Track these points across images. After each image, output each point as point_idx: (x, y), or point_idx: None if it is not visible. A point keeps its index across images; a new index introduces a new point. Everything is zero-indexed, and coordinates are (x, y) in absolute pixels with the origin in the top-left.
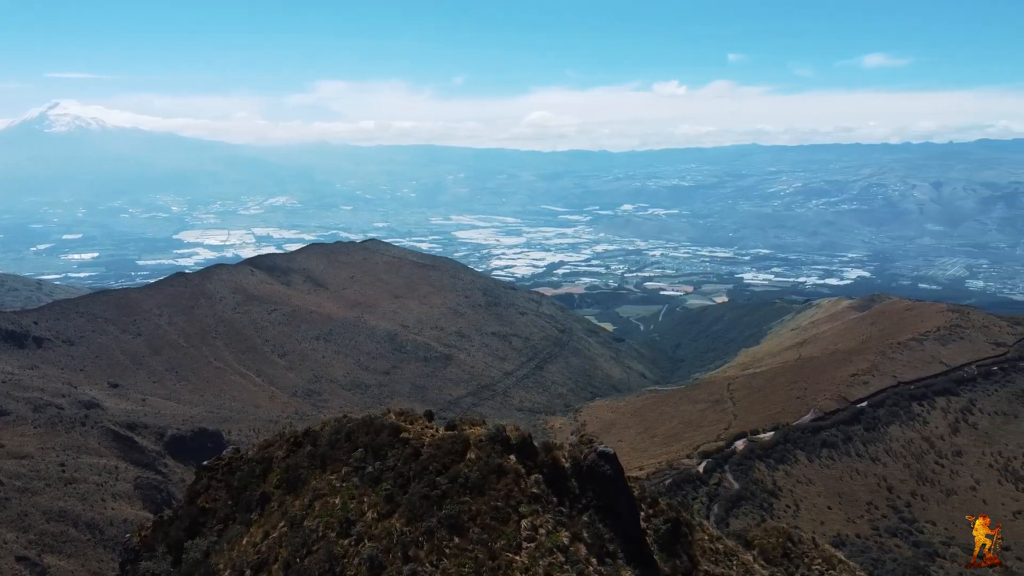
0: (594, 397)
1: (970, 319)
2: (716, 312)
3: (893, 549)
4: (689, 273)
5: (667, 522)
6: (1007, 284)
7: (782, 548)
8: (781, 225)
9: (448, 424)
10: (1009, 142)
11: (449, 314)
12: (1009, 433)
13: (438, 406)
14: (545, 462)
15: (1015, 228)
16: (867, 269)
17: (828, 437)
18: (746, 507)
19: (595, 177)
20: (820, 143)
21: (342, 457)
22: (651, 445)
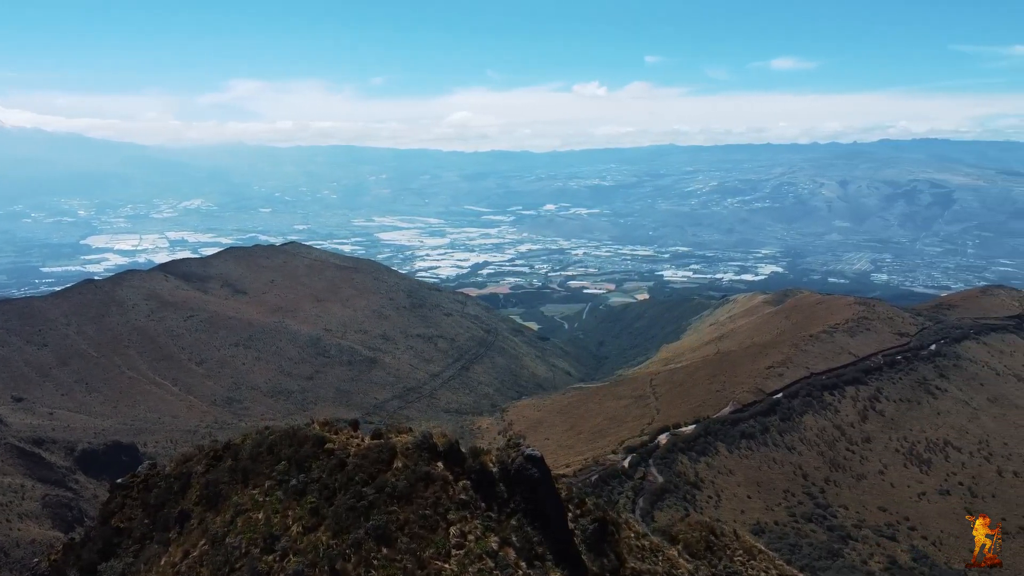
0: (520, 396)
1: (876, 311)
2: (638, 309)
3: (809, 534)
4: (611, 271)
5: (594, 522)
6: (909, 277)
7: (705, 541)
8: (698, 223)
9: (374, 433)
10: (908, 142)
11: (373, 317)
12: (913, 419)
13: (363, 410)
14: (473, 467)
15: (915, 224)
16: (780, 265)
17: (747, 428)
18: (670, 499)
19: (518, 177)
20: (734, 143)
21: (265, 470)
22: (577, 442)
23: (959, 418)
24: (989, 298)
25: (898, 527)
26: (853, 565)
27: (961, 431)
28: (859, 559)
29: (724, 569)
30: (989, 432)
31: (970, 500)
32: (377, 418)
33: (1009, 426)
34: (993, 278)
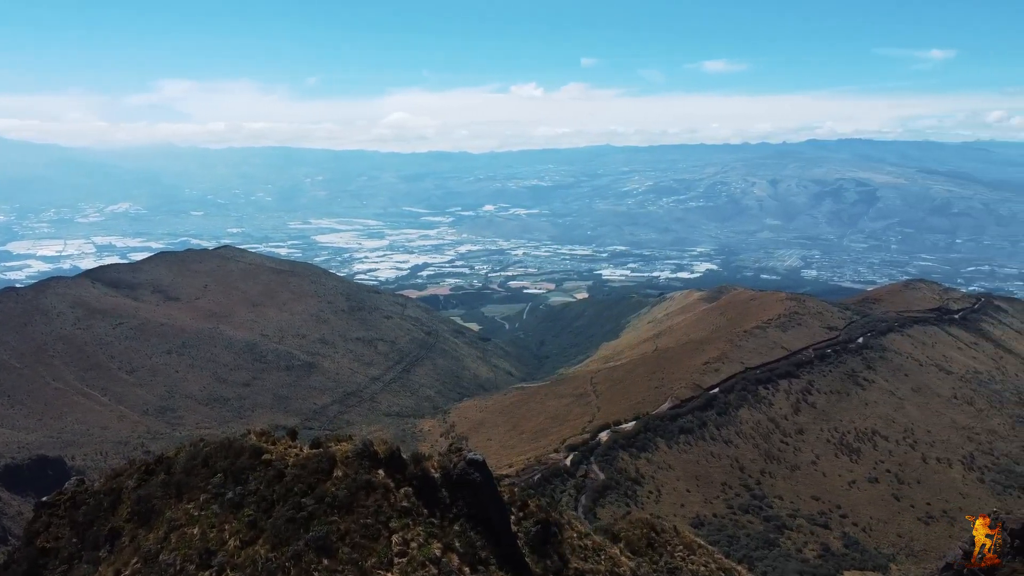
0: (462, 397)
1: (806, 306)
2: (577, 308)
3: (746, 525)
4: (551, 271)
5: (537, 524)
6: (837, 272)
7: (646, 538)
8: (635, 223)
9: (313, 442)
10: (834, 142)
11: (311, 321)
12: (843, 410)
13: (303, 416)
14: (415, 474)
15: (841, 221)
16: (715, 262)
17: (685, 423)
18: (612, 496)
19: (456, 178)
20: (669, 144)
21: (199, 484)
22: (520, 442)
23: (886, 408)
24: (911, 292)
25: (830, 515)
26: (788, 554)
27: (888, 420)
28: (794, 548)
29: (665, 565)
30: (914, 421)
31: (897, 487)
32: (317, 424)
33: (932, 414)
34: (915, 272)
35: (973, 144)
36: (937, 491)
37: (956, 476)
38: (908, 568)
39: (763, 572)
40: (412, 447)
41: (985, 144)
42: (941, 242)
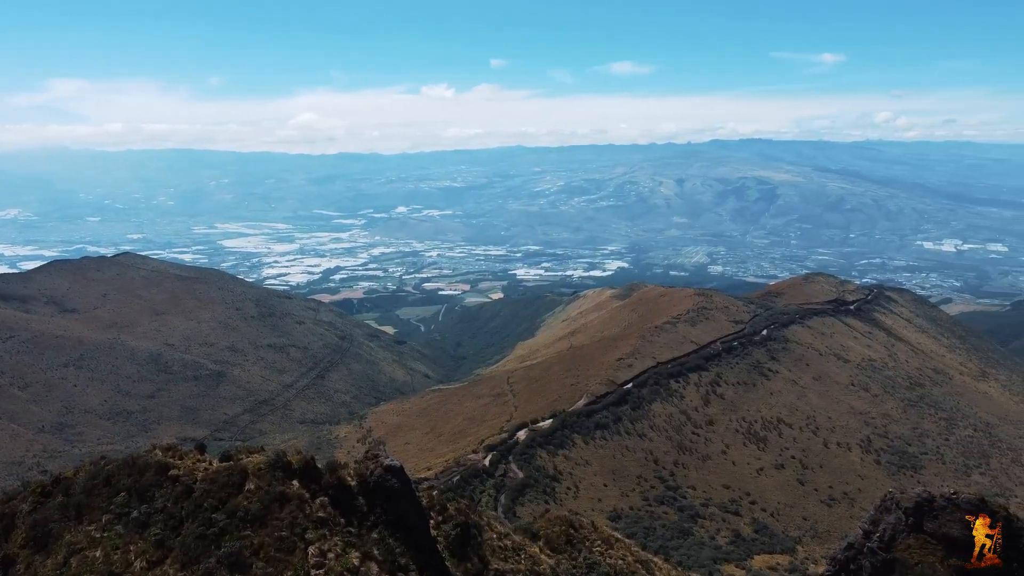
0: (379, 402)
1: (713, 301)
2: (493, 308)
3: (662, 516)
4: (465, 272)
5: (456, 527)
6: (741, 268)
7: (565, 535)
8: (548, 222)
9: (223, 455)
10: (736, 142)
11: (220, 328)
12: (750, 400)
13: (213, 427)
14: (330, 483)
15: (745, 218)
16: (625, 260)
17: (600, 419)
18: (531, 494)
19: (368, 180)
20: (579, 144)
21: (101, 504)
22: (438, 444)
23: (789, 397)
24: (811, 285)
25: (740, 502)
26: (702, 542)
27: (792, 409)
28: (707, 535)
29: (584, 561)
30: (815, 408)
31: (801, 472)
32: (228, 435)
33: (832, 402)
34: (813, 266)
35: (863, 143)
36: (838, 474)
37: (855, 459)
38: (813, 549)
39: (679, 561)
40: (328, 455)
41: (874, 143)
42: (836, 237)
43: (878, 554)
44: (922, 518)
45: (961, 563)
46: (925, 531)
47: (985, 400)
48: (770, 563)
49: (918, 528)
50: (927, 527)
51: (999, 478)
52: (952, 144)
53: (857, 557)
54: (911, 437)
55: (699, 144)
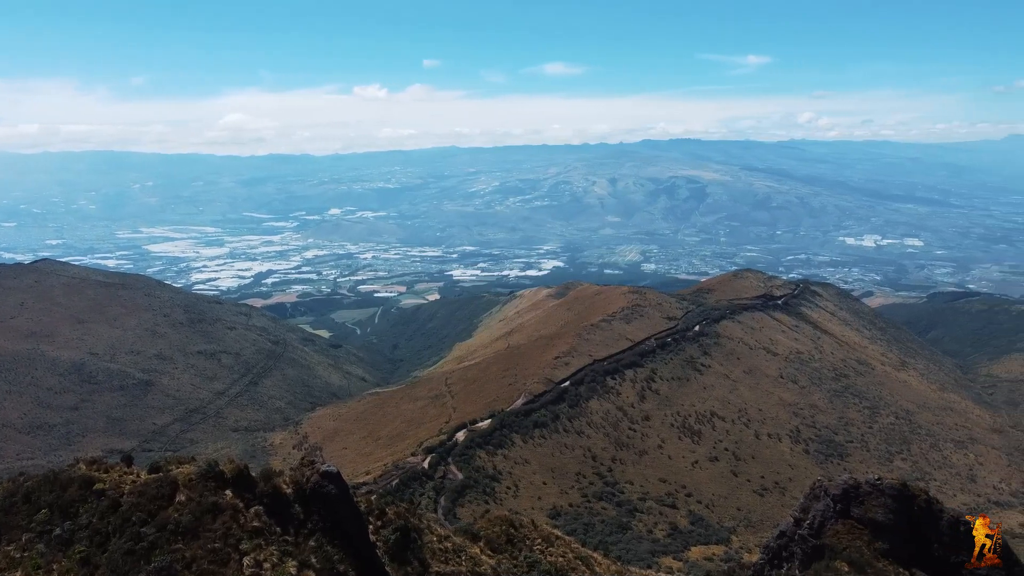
0: (315, 407)
1: (647, 298)
2: (430, 310)
3: (601, 512)
4: (401, 274)
5: (396, 531)
6: (673, 265)
7: (506, 535)
8: (483, 223)
9: (151, 467)
10: (667, 142)
11: (147, 336)
12: (684, 395)
13: (141, 438)
14: (265, 492)
15: (676, 217)
16: (561, 259)
17: (539, 418)
18: (471, 495)
19: (299, 182)
20: (513, 144)
21: (21, 523)
22: (377, 448)
23: (722, 390)
24: (740, 281)
25: (677, 495)
26: (641, 536)
27: (724, 402)
28: (645, 529)
29: (525, 560)
30: (746, 401)
31: (735, 463)
32: (157, 446)
33: (762, 394)
34: (742, 262)
35: (788, 143)
36: (769, 465)
37: (785, 449)
38: (747, 538)
39: (618, 556)
40: (263, 463)
41: (798, 143)
42: (764, 234)
43: (808, 540)
44: (849, 504)
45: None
46: (852, 516)
47: (905, 389)
48: (706, 554)
49: (845, 514)
50: (854, 512)
51: (919, 463)
52: (870, 143)
53: (789, 544)
54: (837, 426)
55: (631, 144)
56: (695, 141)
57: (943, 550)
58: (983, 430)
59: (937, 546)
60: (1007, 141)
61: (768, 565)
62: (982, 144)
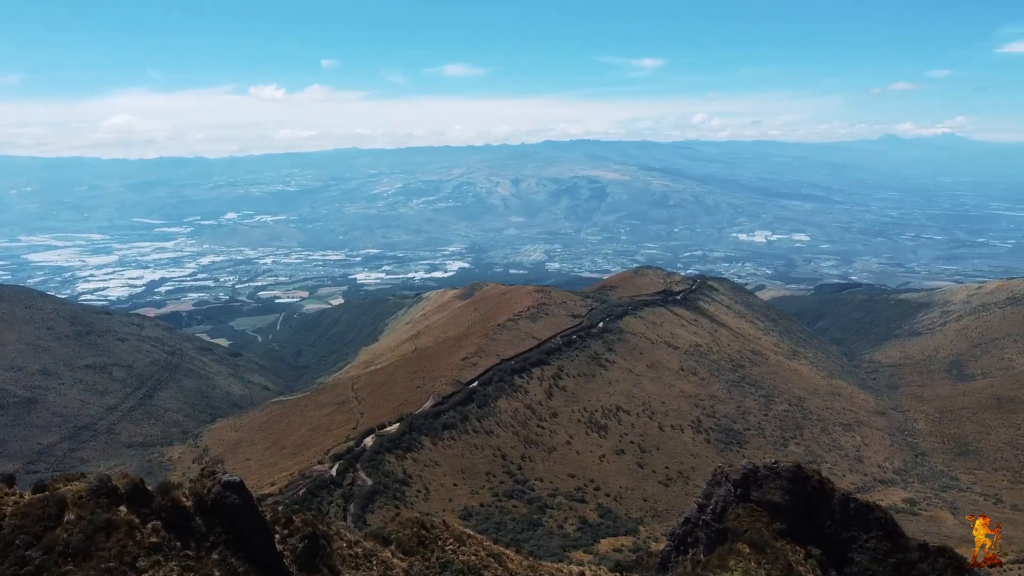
0: (215, 419)
1: (552, 297)
2: (334, 314)
3: (511, 510)
4: (303, 278)
5: (303, 539)
6: (577, 264)
7: (417, 537)
8: (387, 225)
9: (35, 486)
10: (567, 143)
11: (28, 351)
12: (590, 391)
13: (24, 459)
14: (163, 505)
15: (578, 216)
16: (466, 260)
17: (448, 419)
18: (381, 500)
19: (193, 185)
20: (415, 146)
21: None
22: (282, 458)
23: (626, 385)
24: (641, 277)
25: (586, 489)
26: (551, 531)
27: (629, 396)
28: (556, 524)
29: (437, 560)
30: (650, 394)
31: (640, 455)
32: (43, 466)
33: (664, 387)
34: (642, 260)
35: (683, 143)
36: (673, 455)
37: (687, 439)
38: (654, 528)
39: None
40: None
41: (692, 143)
42: (662, 231)
43: (712, 525)
44: (749, 488)
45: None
46: (752, 499)
47: (796, 377)
48: (615, 545)
49: (746, 497)
50: (753, 495)
51: (811, 446)
52: (759, 143)
53: (694, 530)
54: (735, 415)
55: (532, 145)
56: (595, 142)
57: (835, 527)
58: (868, 413)
59: (830, 523)
60: (882, 141)
61: (674, 551)
62: (860, 143)
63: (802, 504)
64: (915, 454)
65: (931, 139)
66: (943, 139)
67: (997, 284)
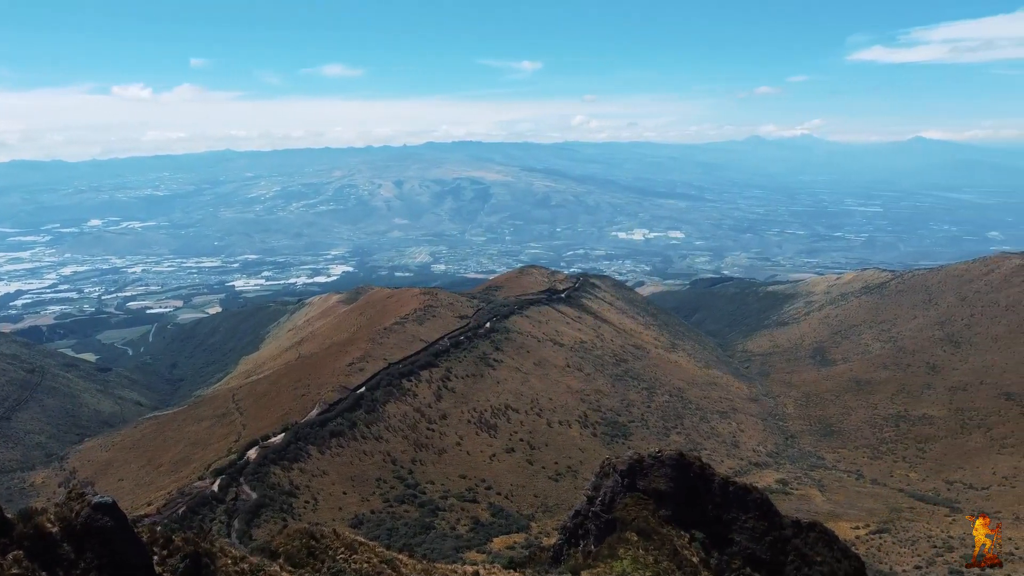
0: (83, 439)
1: (439, 299)
2: (211, 323)
3: (403, 515)
4: (177, 287)
5: (184, 559)
6: (462, 265)
7: (306, 548)
8: (266, 229)
9: None
10: (450, 144)
11: None
12: (479, 391)
13: None
14: (26, 533)
15: (462, 217)
16: (350, 264)
17: (335, 427)
18: (267, 514)
19: (51, 191)
20: (294, 148)
21: None
22: (158, 476)
23: (514, 383)
24: (526, 277)
25: (477, 489)
26: (445, 533)
27: (517, 394)
28: (449, 526)
29: (328, 570)
30: (537, 391)
31: (530, 453)
32: None
33: (551, 384)
34: (527, 259)
35: (563, 144)
36: (562, 450)
37: (575, 435)
38: (545, 524)
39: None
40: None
41: (571, 144)
42: (545, 231)
43: (601, 516)
44: (635, 478)
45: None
46: (639, 489)
47: (676, 369)
48: (508, 543)
49: (633, 487)
50: (640, 485)
51: (692, 435)
52: (636, 144)
53: (584, 522)
54: (620, 408)
55: (415, 146)
56: (477, 143)
57: (716, 510)
58: (742, 400)
59: (711, 507)
60: (748, 142)
61: (566, 544)
62: (728, 144)
63: (685, 490)
64: (785, 437)
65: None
66: (802, 140)
67: (853, 275)
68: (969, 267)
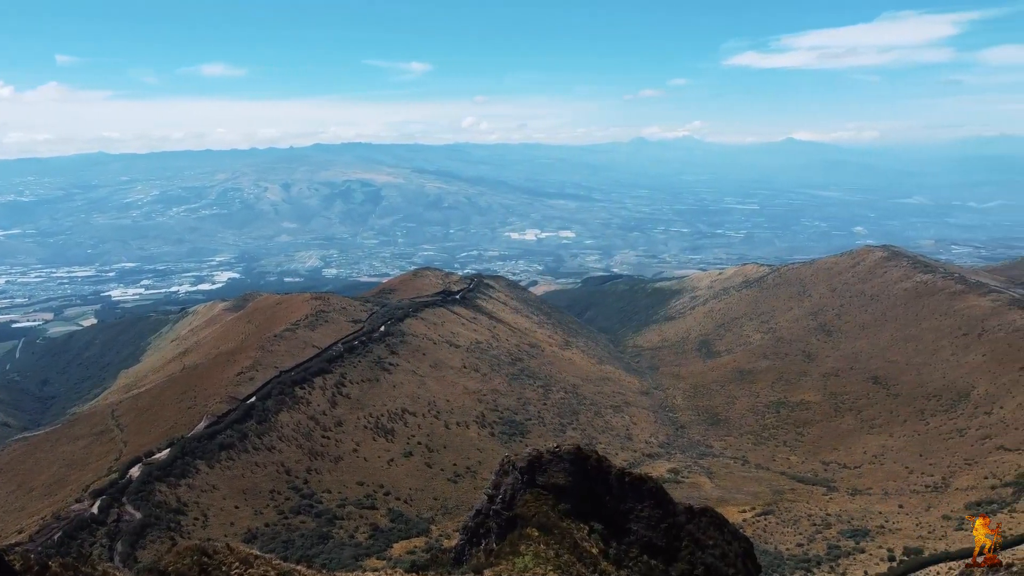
0: None
1: (331, 303)
2: (86, 336)
3: (299, 526)
4: (46, 299)
5: None
6: (355, 269)
7: (198, 565)
8: (144, 236)
9: None
10: (339, 145)
11: None
12: (375, 396)
13: None
14: None
15: (353, 220)
16: (236, 270)
17: (224, 439)
18: (153, 534)
19: None
20: (173, 150)
21: None
22: (30, 501)
23: (411, 387)
24: (420, 279)
25: (375, 496)
26: (343, 542)
27: (414, 398)
28: (347, 534)
29: None
30: (434, 394)
31: (428, 456)
32: None
33: (448, 385)
34: (420, 261)
35: (454, 146)
36: (460, 452)
37: (473, 435)
38: (446, 526)
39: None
40: None
41: (463, 146)
42: (438, 233)
43: (502, 514)
44: (535, 474)
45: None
46: (538, 484)
47: (570, 365)
48: (409, 548)
49: (532, 483)
50: (539, 480)
51: (587, 429)
52: (526, 146)
53: (485, 521)
54: (517, 407)
55: (302, 148)
56: (367, 145)
57: (614, 501)
58: (634, 394)
59: (609, 499)
60: (632, 143)
61: (468, 544)
62: (614, 146)
63: (583, 483)
64: (676, 428)
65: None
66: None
67: (734, 270)
68: (838, 260)
